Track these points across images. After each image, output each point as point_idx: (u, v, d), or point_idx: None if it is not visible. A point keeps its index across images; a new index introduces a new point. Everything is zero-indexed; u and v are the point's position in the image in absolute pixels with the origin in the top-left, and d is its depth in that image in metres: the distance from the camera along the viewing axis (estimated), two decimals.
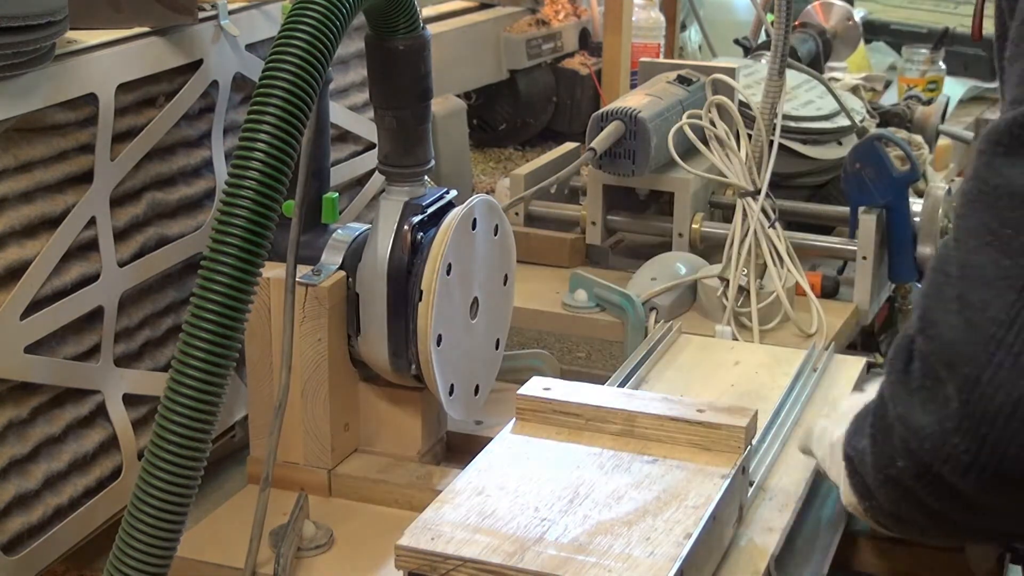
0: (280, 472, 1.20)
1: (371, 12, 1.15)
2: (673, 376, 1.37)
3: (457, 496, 0.99)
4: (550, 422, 1.10)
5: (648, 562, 0.91)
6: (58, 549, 1.13)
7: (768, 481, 1.16)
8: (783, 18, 1.72)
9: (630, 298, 1.59)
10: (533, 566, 0.90)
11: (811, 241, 1.75)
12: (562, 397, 1.10)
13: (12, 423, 1.08)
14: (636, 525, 0.95)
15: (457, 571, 0.91)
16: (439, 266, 1.17)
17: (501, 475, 1.02)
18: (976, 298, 0.78)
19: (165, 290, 1.25)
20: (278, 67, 0.95)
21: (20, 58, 1.01)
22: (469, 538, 0.93)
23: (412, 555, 0.93)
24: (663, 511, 0.97)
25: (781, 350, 1.47)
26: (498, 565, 0.91)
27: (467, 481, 1.01)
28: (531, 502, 0.98)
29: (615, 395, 1.13)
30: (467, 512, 0.96)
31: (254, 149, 0.93)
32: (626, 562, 0.91)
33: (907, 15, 2.94)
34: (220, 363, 0.92)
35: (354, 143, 1.51)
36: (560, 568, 0.90)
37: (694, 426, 1.06)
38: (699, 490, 1.00)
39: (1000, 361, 0.76)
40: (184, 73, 1.22)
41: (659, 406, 1.09)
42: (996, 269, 0.78)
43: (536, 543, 0.93)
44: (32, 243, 1.08)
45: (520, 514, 0.96)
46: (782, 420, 1.26)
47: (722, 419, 1.07)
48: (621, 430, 1.08)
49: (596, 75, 2.43)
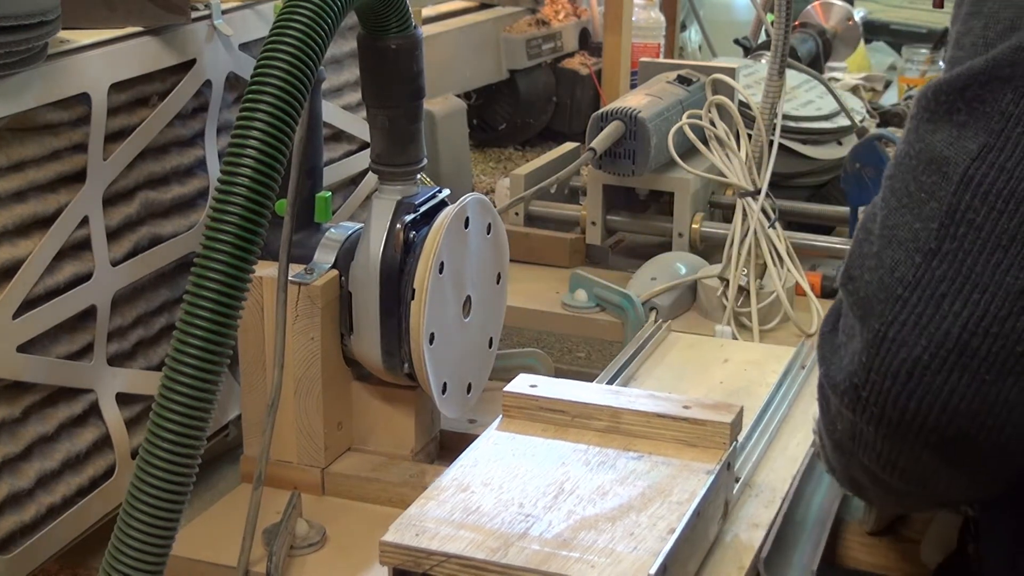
0: (273, 471, 1.20)
1: (363, 11, 1.15)
2: (662, 374, 1.37)
3: (442, 492, 0.99)
4: (536, 419, 1.10)
5: (632, 557, 0.91)
6: (51, 548, 1.13)
7: (755, 477, 1.16)
8: (783, 18, 1.72)
9: (630, 298, 1.59)
10: (517, 561, 0.90)
11: (811, 241, 1.75)
12: (548, 394, 1.10)
13: (5, 422, 1.08)
14: (620, 521, 0.95)
15: (441, 567, 0.91)
16: (432, 265, 1.17)
17: (486, 472, 1.02)
18: (889, 258, 0.80)
19: (158, 289, 1.25)
20: (269, 66, 0.94)
21: (12, 57, 1.02)
22: (453, 534, 0.93)
23: (396, 551, 0.93)
24: (647, 507, 0.97)
25: (771, 347, 1.47)
26: (482, 561, 0.91)
27: (452, 478, 1.01)
28: (516, 498, 0.98)
29: (601, 392, 1.13)
30: (452, 508, 0.97)
31: (245, 147, 0.92)
32: (609, 557, 0.91)
33: (907, 15, 2.94)
34: (213, 362, 0.92)
35: (348, 142, 1.51)
36: (543, 563, 0.90)
37: (679, 422, 1.06)
38: (684, 486, 1.00)
39: (904, 320, 0.78)
40: (177, 73, 1.22)
41: (645, 403, 1.09)
42: (908, 231, 0.80)
43: (520, 539, 0.93)
44: (25, 242, 1.08)
45: (504, 510, 0.96)
46: (769, 417, 1.26)
47: (708, 415, 1.07)
48: (607, 427, 1.08)
49: (596, 75, 2.43)
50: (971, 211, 0.78)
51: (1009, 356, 0.76)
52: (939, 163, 0.80)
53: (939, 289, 0.78)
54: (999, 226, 0.77)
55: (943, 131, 0.80)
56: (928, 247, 0.79)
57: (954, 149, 0.79)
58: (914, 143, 0.82)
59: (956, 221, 0.78)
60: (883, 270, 0.80)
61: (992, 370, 0.76)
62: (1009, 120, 0.78)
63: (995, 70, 0.79)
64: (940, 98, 0.81)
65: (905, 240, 0.80)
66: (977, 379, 0.77)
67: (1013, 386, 0.77)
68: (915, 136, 0.82)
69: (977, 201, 0.78)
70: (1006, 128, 0.78)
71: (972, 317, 0.77)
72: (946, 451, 0.80)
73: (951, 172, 0.79)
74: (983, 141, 0.78)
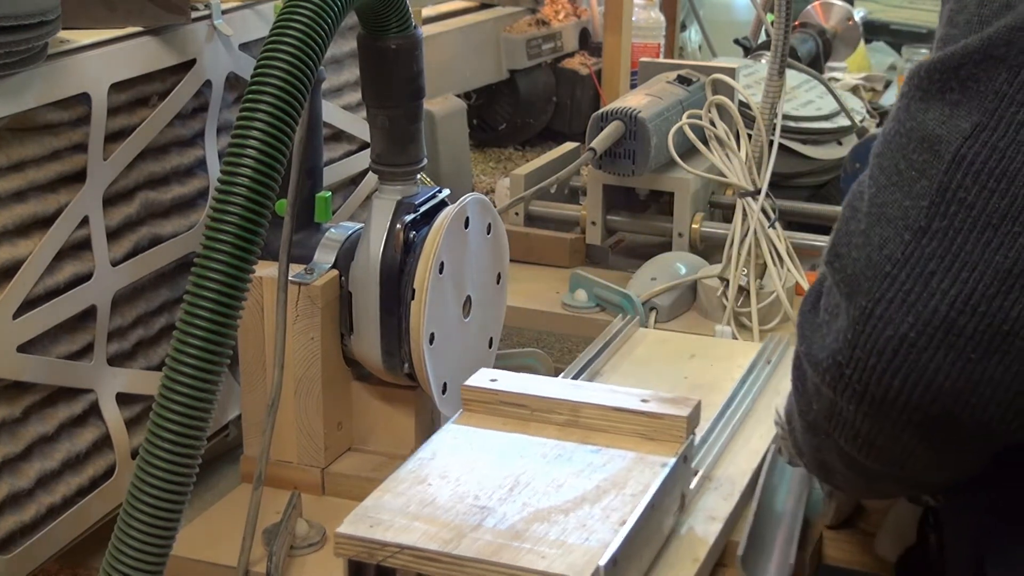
0: (273, 471, 1.20)
1: (363, 11, 1.15)
2: (628, 369, 1.37)
3: (399, 485, 0.99)
4: (497, 413, 1.10)
5: (582, 548, 0.91)
6: (51, 548, 1.13)
7: (715, 471, 1.17)
8: (783, 18, 1.72)
9: (630, 298, 1.59)
10: (469, 552, 0.91)
11: (811, 241, 1.75)
12: (508, 388, 1.11)
13: (5, 422, 1.08)
14: (573, 512, 0.96)
15: (395, 558, 0.92)
16: (432, 265, 1.17)
17: (444, 465, 1.02)
18: (877, 235, 0.80)
19: (158, 289, 1.25)
20: (269, 66, 0.95)
21: (12, 58, 1.01)
22: (408, 525, 0.94)
23: (351, 542, 0.93)
24: (601, 499, 0.98)
25: (739, 344, 1.48)
26: (434, 551, 0.91)
27: (409, 470, 1.02)
28: (472, 490, 0.99)
29: (561, 386, 1.14)
30: (407, 500, 0.97)
31: (246, 147, 0.92)
32: (560, 548, 0.91)
33: (907, 15, 2.93)
34: (214, 362, 0.92)
35: (348, 142, 1.51)
36: (495, 554, 0.91)
37: (637, 416, 1.07)
38: (639, 479, 1.01)
39: (892, 297, 0.78)
40: (177, 73, 1.22)
41: (604, 396, 1.10)
42: (898, 209, 0.80)
43: (473, 530, 0.93)
44: (25, 242, 1.08)
45: (460, 502, 0.97)
46: (732, 411, 1.27)
47: (665, 409, 1.07)
48: (566, 420, 1.09)
49: (596, 75, 2.43)
50: (962, 190, 0.78)
51: (995, 335, 0.76)
52: (931, 141, 0.80)
53: (928, 267, 0.78)
54: (990, 205, 0.77)
55: (935, 109, 0.80)
56: (918, 225, 0.79)
57: (946, 128, 0.79)
58: (904, 121, 0.82)
59: (947, 200, 0.78)
60: (871, 247, 0.80)
61: (978, 349, 0.77)
62: (1003, 100, 0.78)
63: (990, 49, 0.79)
64: (933, 76, 0.81)
65: (894, 218, 0.80)
66: (963, 357, 0.77)
67: (998, 365, 0.77)
68: (906, 114, 0.82)
69: (969, 180, 0.78)
70: (999, 107, 0.78)
71: (960, 295, 0.77)
72: (929, 430, 0.80)
73: (943, 150, 0.79)
74: (976, 120, 0.78)
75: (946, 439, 0.81)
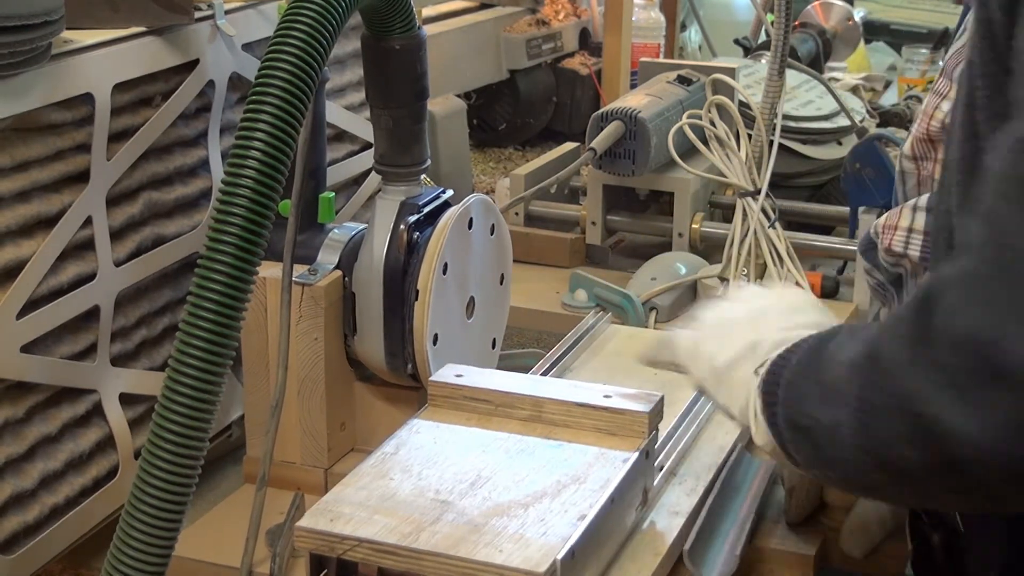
0: (276, 471, 1.20)
1: (367, 12, 1.15)
2: (598, 365, 1.37)
3: (361, 479, 1.00)
4: (461, 408, 1.10)
5: (540, 542, 0.92)
6: (54, 548, 1.13)
7: (679, 466, 1.17)
8: (783, 18, 1.72)
9: (630, 298, 1.59)
10: (427, 546, 0.91)
11: (811, 241, 1.75)
12: (473, 383, 1.11)
13: (8, 422, 1.08)
14: (533, 507, 0.96)
15: (354, 551, 0.92)
16: (435, 265, 1.17)
17: (406, 459, 1.03)
18: None
19: (161, 289, 1.25)
20: (274, 67, 0.95)
21: (16, 58, 1.01)
22: (368, 519, 0.94)
23: (311, 536, 0.93)
24: (561, 494, 0.98)
25: None
26: (392, 545, 0.91)
27: (372, 464, 1.02)
28: (433, 485, 0.99)
29: (525, 381, 1.14)
30: (368, 494, 0.97)
31: (250, 148, 0.93)
32: (518, 543, 0.92)
33: (907, 15, 2.93)
34: (217, 362, 0.92)
35: (351, 143, 1.51)
36: (453, 548, 0.91)
37: (599, 411, 1.07)
38: (599, 474, 1.01)
39: None
40: (180, 73, 1.22)
41: (567, 392, 1.10)
42: None
43: (432, 524, 0.94)
44: (28, 242, 1.08)
45: (421, 496, 0.97)
46: (699, 406, 1.26)
47: (627, 405, 1.07)
48: (530, 415, 1.09)
49: (596, 75, 2.43)
50: None
51: None
52: None
53: None
54: None
55: None
56: None
57: None
58: None
59: None
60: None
61: None
62: None
63: None
64: None
65: None
66: None
67: None
68: None
69: None
70: None
71: None
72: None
73: None
74: None
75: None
